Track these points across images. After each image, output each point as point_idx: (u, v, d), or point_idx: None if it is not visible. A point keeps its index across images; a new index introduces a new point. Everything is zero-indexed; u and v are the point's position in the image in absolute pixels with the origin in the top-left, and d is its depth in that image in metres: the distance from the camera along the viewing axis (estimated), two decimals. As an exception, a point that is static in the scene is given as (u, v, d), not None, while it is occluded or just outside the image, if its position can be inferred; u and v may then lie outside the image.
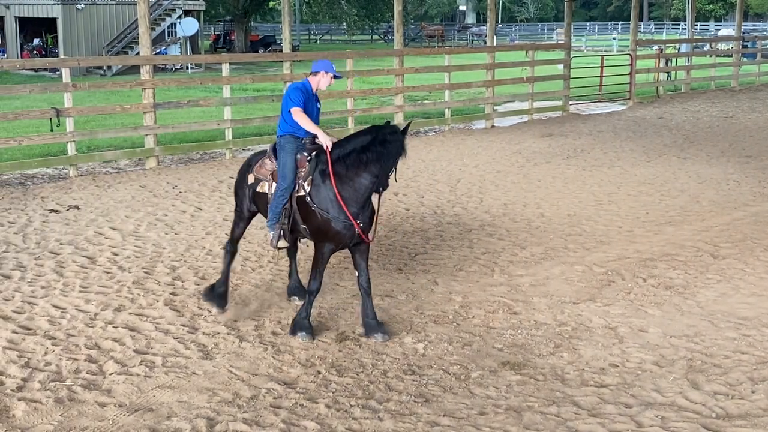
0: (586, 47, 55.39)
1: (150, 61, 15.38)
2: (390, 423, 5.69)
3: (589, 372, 6.49)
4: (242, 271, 8.96)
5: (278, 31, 55.12)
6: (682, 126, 20.22)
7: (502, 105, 23.28)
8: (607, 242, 10.11)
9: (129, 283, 8.54)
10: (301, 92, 7.18)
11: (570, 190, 13.00)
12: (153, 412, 5.81)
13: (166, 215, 11.40)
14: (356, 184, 6.87)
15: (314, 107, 7.35)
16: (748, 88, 28.96)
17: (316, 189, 7.01)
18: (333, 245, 7.07)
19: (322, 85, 7.38)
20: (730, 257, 9.41)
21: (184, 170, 14.89)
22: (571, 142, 17.88)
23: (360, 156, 6.78)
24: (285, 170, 7.14)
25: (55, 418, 5.71)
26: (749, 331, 7.26)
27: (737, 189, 13.04)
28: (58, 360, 6.63)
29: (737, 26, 30.72)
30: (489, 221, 11.12)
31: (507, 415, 5.79)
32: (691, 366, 6.56)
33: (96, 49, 37.50)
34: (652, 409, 5.82)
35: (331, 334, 7.27)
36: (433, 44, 60.07)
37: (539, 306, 7.96)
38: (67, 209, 11.69)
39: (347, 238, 6.99)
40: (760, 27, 63.19)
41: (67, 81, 14.16)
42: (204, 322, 7.51)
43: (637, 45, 26.07)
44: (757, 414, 5.73)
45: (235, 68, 35.15)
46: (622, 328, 7.39)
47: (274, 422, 5.69)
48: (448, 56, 20.45)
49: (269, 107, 20.13)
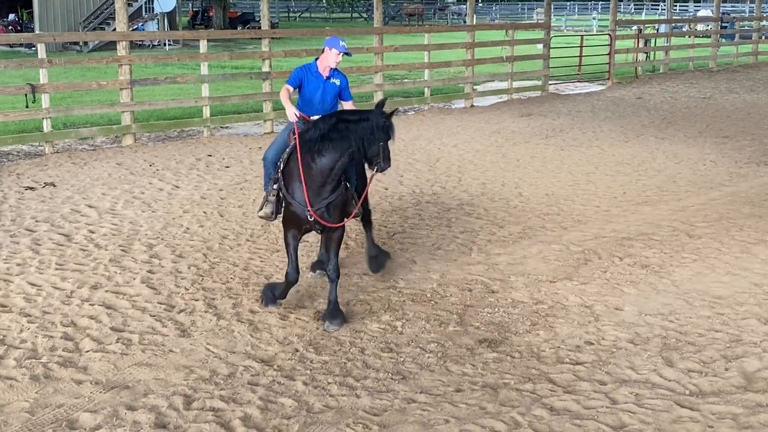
0: (566, 27, 55.43)
1: (127, 37, 15.21)
2: (367, 400, 5.71)
3: (564, 350, 6.54)
4: (220, 249, 8.93)
5: (257, 8, 54.64)
6: (660, 106, 20.31)
7: (481, 84, 23.26)
8: (584, 221, 10.17)
9: (105, 261, 8.49)
10: (298, 71, 7.33)
11: (548, 170, 13.04)
12: (130, 390, 5.80)
13: (143, 193, 11.33)
14: (315, 169, 6.68)
15: (320, 84, 7.32)
16: (726, 68, 29.10)
17: (287, 167, 6.97)
18: (292, 227, 6.95)
19: (330, 61, 7.32)
20: (706, 237, 9.50)
21: (161, 148, 14.78)
22: (550, 122, 17.92)
23: (324, 136, 6.58)
24: (274, 141, 7.43)
25: (30, 395, 5.69)
26: (723, 309, 7.34)
27: (714, 169, 13.14)
28: (34, 337, 6.59)
29: (716, 7, 30.83)
30: (467, 200, 11.14)
31: (483, 392, 5.83)
32: (665, 344, 6.63)
33: (72, 24, 36.99)
34: (627, 386, 5.88)
35: (309, 312, 7.27)
36: (413, 23, 59.83)
37: (516, 284, 8.01)
38: (42, 186, 11.58)
39: (302, 220, 6.85)
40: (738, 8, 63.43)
41: (43, 57, 13.96)
42: (181, 299, 7.48)
43: (617, 25, 26.08)
44: (730, 391, 5.80)
45: (213, 45, 34.93)
46: (597, 306, 7.45)
47: (252, 399, 5.70)
48: (427, 35, 20.37)
49: (247, 85, 20.02)
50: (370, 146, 6.57)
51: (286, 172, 6.97)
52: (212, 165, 13.24)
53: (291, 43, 33.68)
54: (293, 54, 18.58)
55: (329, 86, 7.39)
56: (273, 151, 7.32)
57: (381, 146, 6.60)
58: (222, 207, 10.65)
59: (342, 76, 7.50)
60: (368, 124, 6.54)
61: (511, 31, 22.89)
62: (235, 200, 10.96)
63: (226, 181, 12.07)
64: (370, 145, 6.57)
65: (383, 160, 6.64)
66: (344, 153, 6.60)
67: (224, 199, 11.08)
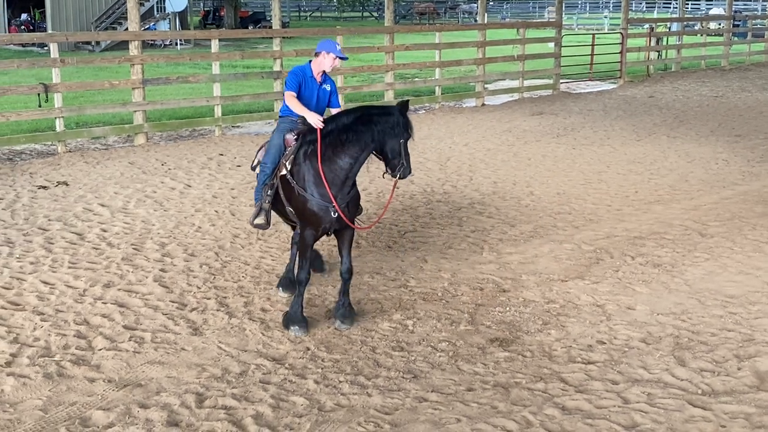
0: (578, 26, 55.25)
1: (139, 36, 15.27)
2: (378, 399, 5.72)
3: (576, 349, 6.53)
4: (231, 248, 8.95)
5: (268, 8, 54.76)
6: (672, 105, 20.23)
7: (492, 83, 23.23)
8: (595, 221, 10.14)
9: (118, 260, 8.53)
10: (296, 76, 7.09)
11: (560, 169, 13.01)
12: (142, 388, 5.82)
13: (155, 192, 11.37)
14: (337, 165, 6.64)
15: (315, 89, 7.17)
16: (739, 67, 28.97)
17: (297, 167, 6.86)
18: (313, 229, 6.80)
19: (326, 66, 7.17)
20: (718, 236, 9.46)
21: (173, 147, 14.83)
22: (562, 120, 17.88)
23: (341, 135, 6.56)
24: (269, 147, 7.19)
25: (44, 393, 5.72)
26: (736, 309, 7.31)
27: (726, 168, 13.08)
28: (47, 335, 6.63)
29: (728, 5, 30.68)
30: (478, 199, 11.13)
31: (494, 391, 5.83)
32: (677, 343, 6.61)
33: (84, 24, 37.16)
34: (639, 386, 5.87)
35: (320, 311, 7.28)
36: (424, 22, 59.79)
37: (528, 283, 7.99)
38: (55, 185, 11.64)
39: (325, 221, 6.74)
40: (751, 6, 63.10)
41: (55, 56, 14.02)
42: (193, 298, 7.51)
43: (628, 23, 26.01)
44: (743, 391, 5.78)
45: (225, 45, 34.99)
46: (609, 305, 7.43)
47: (263, 398, 5.71)
48: (438, 34, 20.36)
49: (259, 84, 20.05)
50: (390, 142, 6.50)
51: (298, 173, 6.85)
52: (224, 164, 13.28)
53: (302, 42, 33.69)
54: (304, 53, 18.56)
55: (322, 92, 7.25)
56: (271, 157, 7.11)
57: (402, 145, 6.52)
58: (233, 206, 10.68)
59: (332, 82, 7.40)
60: (391, 119, 6.49)
61: (522, 30, 22.85)
62: (247, 199, 10.98)
63: (238, 180, 12.10)
64: (391, 141, 6.50)
65: (406, 164, 6.55)
66: (367, 147, 6.56)
67: (236, 198, 11.11)
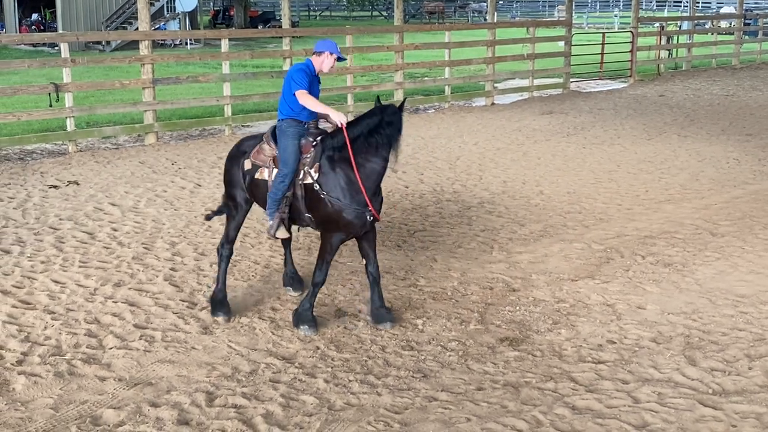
0: (588, 24, 55.06)
1: (149, 36, 15.31)
2: (388, 398, 5.72)
3: (586, 348, 6.52)
4: (242, 247, 8.97)
5: (277, 7, 54.82)
6: (682, 104, 20.16)
7: (502, 82, 23.20)
8: (606, 220, 10.12)
9: (128, 259, 8.55)
10: (305, 74, 6.80)
11: (569, 168, 12.98)
12: (152, 386, 5.84)
13: (165, 191, 11.40)
14: (369, 169, 6.56)
15: (317, 88, 7.03)
16: (750, 66, 28.83)
17: (325, 176, 6.63)
18: (344, 235, 6.73)
19: (326, 66, 6.98)
20: (729, 235, 9.42)
21: (183, 146, 14.87)
22: (572, 119, 17.84)
23: (370, 139, 6.50)
24: (286, 155, 6.72)
25: (54, 391, 5.75)
26: (747, 308, 7.28)
27: (737, 167, 13.03)
28: (58, 334, 6.66)
29: (739, 4, 30.54)
30: (488, 199, 11.12)
31: (504, 391, 5.82)
32: (688, 343, 6.59)
33: (95, 24, 37.26)
34: (649, 385, 5.85)
35: (330, 309, 7.29)
36: (433, 21, 59.71)
37: (538, 283, 7.98)
38: (66, 185, 11.68)
39: (358, 227, 6.67)
40: (762, 5, 62.80)
41: (66, 56, 14.08)
42: (203, 297, 7.52)
43: (639, 22, 25.93)
44: (754, 390, 5.76)
45: (234, 44, 34.99)
46: (620, 304, 7.41)
47: (273, 396, 5.72)
48: (448, 33, 20.35)
49: (269, 83, 20.07)
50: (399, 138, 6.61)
51: (327, 182, 6.64)
52: (233, 163, 13.27)
53: (311, 42, 33.65)
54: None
55: (317, 91, 7.07)
56: (290, 166, 6.72)
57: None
58: (243, 205, 10.67)
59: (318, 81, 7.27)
60: (401, 116, 6.61)
61: (532, 29, 22.81)
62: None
63: (248, 180, 12.09)
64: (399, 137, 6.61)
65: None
66: (392, 146, 6.57)
67: (245, 197, 11.10)
